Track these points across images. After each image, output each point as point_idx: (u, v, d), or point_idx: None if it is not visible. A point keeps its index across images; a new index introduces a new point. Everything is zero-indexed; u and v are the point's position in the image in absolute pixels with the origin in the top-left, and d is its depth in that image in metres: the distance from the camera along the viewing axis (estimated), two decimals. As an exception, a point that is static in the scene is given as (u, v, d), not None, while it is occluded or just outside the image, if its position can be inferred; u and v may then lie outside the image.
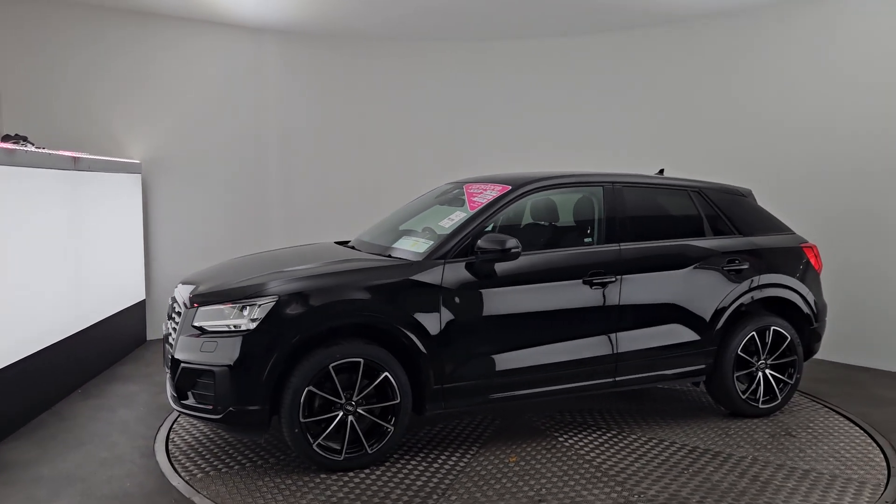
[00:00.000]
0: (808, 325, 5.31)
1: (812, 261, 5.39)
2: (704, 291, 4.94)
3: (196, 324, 4.12)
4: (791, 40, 6.97)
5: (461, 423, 4.96)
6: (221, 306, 4.08)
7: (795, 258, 5.31)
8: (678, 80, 7.76)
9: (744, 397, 5.07)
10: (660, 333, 4.83)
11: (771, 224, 5.41)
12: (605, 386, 4.74)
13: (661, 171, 5.78)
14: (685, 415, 5.20)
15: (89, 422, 4.97)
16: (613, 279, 4.67)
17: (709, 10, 7.26)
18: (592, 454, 4.43)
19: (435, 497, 3.81)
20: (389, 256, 4.58)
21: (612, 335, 4.68)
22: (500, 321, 4.44)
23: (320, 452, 4.04)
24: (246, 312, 4.01)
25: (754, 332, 5.06)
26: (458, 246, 4.42)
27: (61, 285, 5.38)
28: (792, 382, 5.19)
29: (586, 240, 4.91)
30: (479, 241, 4.36)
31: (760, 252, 5.17)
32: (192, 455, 4.38)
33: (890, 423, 5.05)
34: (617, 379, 4.74)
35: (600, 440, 4.67)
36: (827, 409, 5.36)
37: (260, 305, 4.00)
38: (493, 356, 4.42)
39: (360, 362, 4.08)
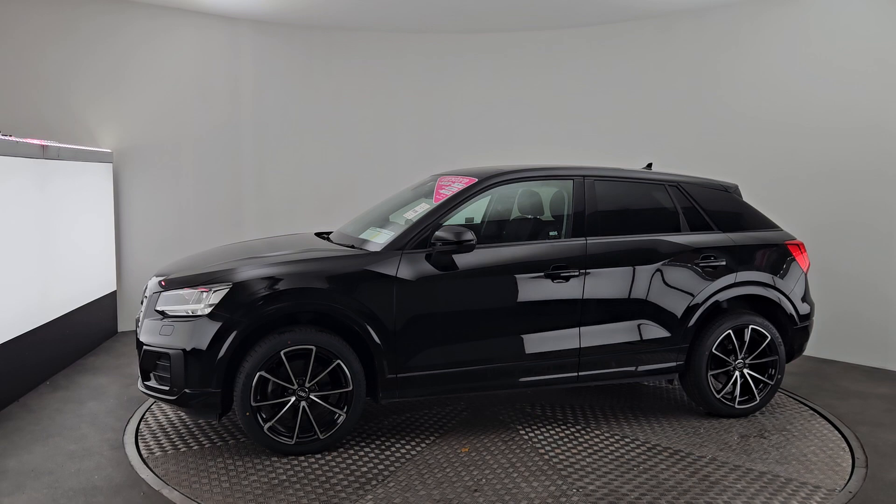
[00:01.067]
0: (792, 325, 5.16)
1: (798, 258, 5.23)
2: (675, 288, 4.85)
3: (158, 308, 4.28)
4: (767, 34, 6.98)
5: (429, 413, 5.01)
6: (181, 291, 4.24)
7: (778, 255, 5.16)
8: (663, 74, 7.71)
9: (718, 396, 4.96)
10: (626, 329, 4.77)
11: (755, 220, 5.27)
12: (568, 381, 4.71)
13: (650, 166, 5.69)
14: (661, 413, 5.12)
15: (57, 414, 4.90)
16: (577, 273, 4.63)
17: (688, 4, 7.24)
18: (547, 448, 4.42)
19: (374, 483, 3.87)
20: (352, 247, 4.65)
21: (575, 330, 4.65)
22: (456, 313, 4.47)
23: (271, 436, 4.15)
24: (203, 298, 4.15)
25: (730, 331, 4.95)
26: (417, 237, 4.46)
27: (29, 276, 5.29)
28: (772, 383, 5.06)
29: (552, 233, 4.89)
30: (435, 233, 4.40)
31: (739, 248, 5.04)
32: (158, 435, 4.55)
33: (856, 415, 5.11)
34: (581, 374, 4.71)
35: (561, 434, 4.65)
36: (811, 412, 5.20)
37: (215, 292, 4.14)
38: (450, 348, 4.45)
39: (312, 349, 4.17)
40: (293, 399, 4.18)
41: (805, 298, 5.24)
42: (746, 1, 7.01)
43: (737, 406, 5.00)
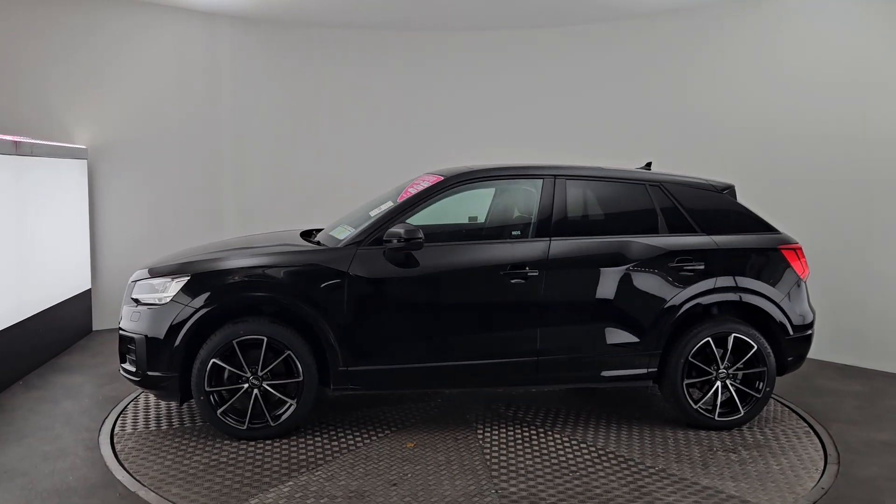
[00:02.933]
0: (784, 335, 4.83)
1: (793, 264, 4.89)
2: (645, 292, 4.67)
3: (133, 296, 4.61)
4: (750, 36, 7.04)
5: (401, 408, 5.06)
6: (152, 281, 4.54)
7: (769, 260, 4.86)
8: (654, 73, 7.74)
9: (695, 407, 4.73)
10: (590, 333, 4.65)
11: (748, 223, 4.97)
12: (525, 381, 4.67)
13: (649, 165, 5.51)
14: (641, 421, 4.91)
15: (31, 414, 4.86)
16: (536, 274, 4.56)
17: (673, 4, 7.25)
18: (494, 448, 4.38)
19: (302, 470, 4.00)
20: (318, 243, 4.80)
21: (534, 331, 4.58)
22: (409, 310, 4.53)
23: (224, 420, 4.38)
24: (167, 288, 4.44)
25: (710, 338, 4.70)
26: (373, 235, 4.55)
27: (2, 273, 5.21)
28: (759, 396, 4.76)
29: (514, 233, 4.84)
30: (387, 231, 4.47)
31: (722, 252, 4.78)
32: (137, 416, 4.89)
33: (829, 413, 5.16)
34: (539, 376, 4.63)
35: (517, 436, 4.58)
36: (807, 428, 4.84)
37: (176, 282, 4.41)
38: (401, 344, 4.51)
39: (263, 340, 4.36)
40: (245, 386, 4.39)
41: (801, 307, 4.89)
42: (725, 2, 7.10)
43: (716, 418, 4.74)
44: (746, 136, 6.98)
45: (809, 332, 4.95)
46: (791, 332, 4.84)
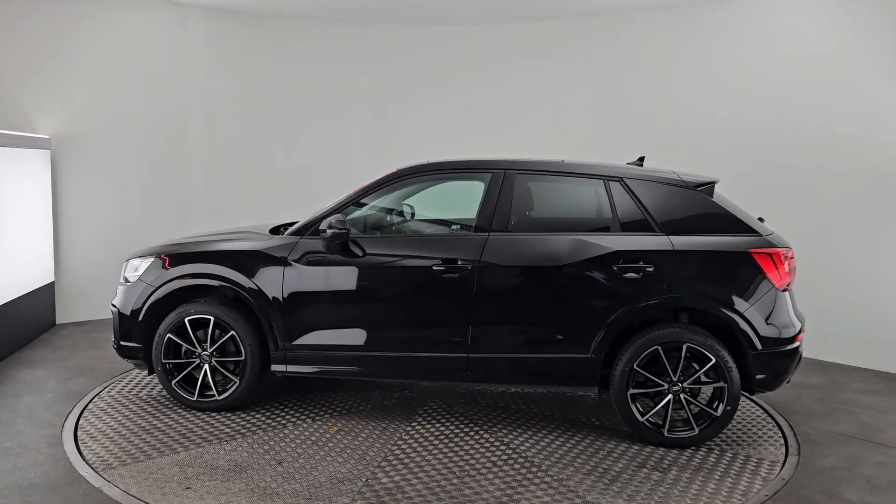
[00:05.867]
0: (751, 349, 4.33)
1: (768, 271, 4.35)
2: (585, 293, 4.42)
3: (124, 274, 5.18)
4: (720, 32, 7.08)
5: (363, 394, 5.19)
6: (134, 261, 5.08)
7: (735, 265, 4.37)
8: (638, 68, 7.58)
9: (642, 420, 4.40)
10: (523, 334, 4.51)
11: (723, 223, 4.47)
12: (454, 378, 4.63)
13: (642, 160, 5.19)
14: (591, 429, 4.65)
15: None
16: (468, 269, 4.48)
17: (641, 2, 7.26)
18: (409, 442, 4.38)
19: (213, 441, 4.30)
20: (280, 233, 5.07)
21: (464, 328, 4.50)
22: (339, 298, 4.66)
23: (178, 390, 4.80)
24: (139, 267, 4.95)
25: (659, 347, 4.34)
26: (314, 225, 4.73)
27: None
28: (717, 414, 4.32)
29: (453, 227, 4.77)
30: (322, 221, 4.64)
31: (678, 254, 4.37)
32: (121, 385, 5.46)
33: (789, 405, 5.24)
34: (470, 374, 4.54)
35: (442, 433, 4.54)
36: (774, 459, 4.30)
37: (144, 262, 4.91)
38: (332, 332, 4.65)
39: (211, 319, 4.73)
40: (196, 361, 4.78)
41: (775, 318, 4.35)
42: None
43: (666, 434, 4.37)
44: (733, 131, 6.97)
45: (788, 347, 4.38)
46: (759, 346, 4.32)
